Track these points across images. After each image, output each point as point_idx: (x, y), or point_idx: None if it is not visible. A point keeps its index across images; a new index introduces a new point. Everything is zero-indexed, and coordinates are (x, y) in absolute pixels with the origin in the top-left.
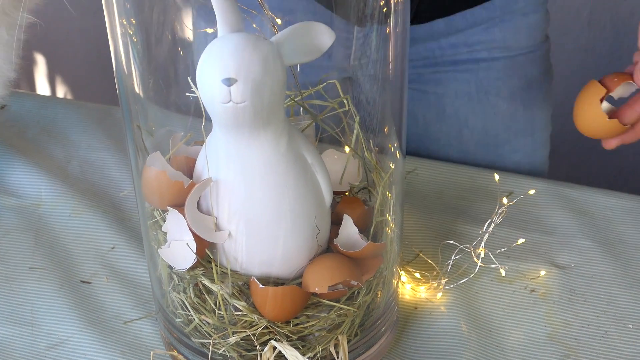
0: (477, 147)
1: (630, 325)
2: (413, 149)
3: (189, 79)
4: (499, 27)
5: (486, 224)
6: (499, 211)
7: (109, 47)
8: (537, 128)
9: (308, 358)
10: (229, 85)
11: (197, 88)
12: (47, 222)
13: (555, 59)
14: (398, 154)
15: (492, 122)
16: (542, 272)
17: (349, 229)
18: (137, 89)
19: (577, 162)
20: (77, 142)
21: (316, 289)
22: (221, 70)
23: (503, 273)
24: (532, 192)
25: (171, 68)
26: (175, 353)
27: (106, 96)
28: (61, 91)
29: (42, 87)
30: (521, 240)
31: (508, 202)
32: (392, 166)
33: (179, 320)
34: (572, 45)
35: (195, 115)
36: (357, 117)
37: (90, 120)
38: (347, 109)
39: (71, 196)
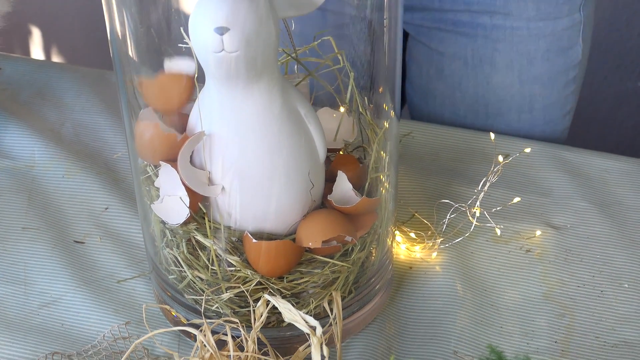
0: (467, 111)
1: (626, 285)
2: (416, 103)
3: (182, 29)
4: None
5: (481, 182)
6: (495, 169)
7: (103, 15)
8: (536, 106)
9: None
10: (222, 34)
11: (189, 39)
12: (41, 184)
13: None
14: (392, 113)
15: (484, 91)
16: (538, 233)
17: (343, 185)
18: (130, 52)
19: (574, 133)
20: (71, 105)
21: (310, 243)
22: (213, 19)
23: (499, 232)
24: (527, 150)
25: (165, 30)
26: (167, 307)
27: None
28: (56, 60)
29: (37, 56)
30: (517, 199)
31: (504, 161)
32: (387, 124)
33: (172, 277)
34: None
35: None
36: (352, 73)
37: (84, 84)
38: (341, 65)
39: (64, 158)
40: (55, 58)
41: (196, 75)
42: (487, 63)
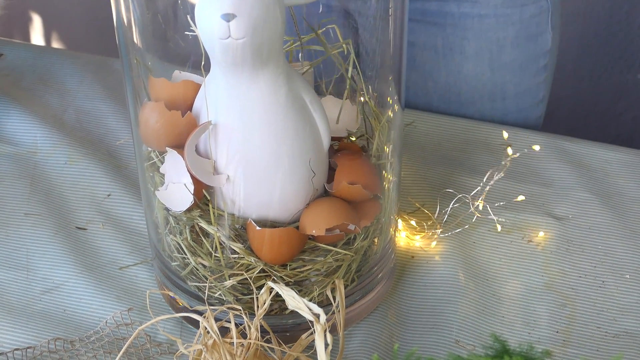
0: (440, 101)
1: (628, 276)
2: None
3: (188, 17)
4: None
5: (487, 175)
6: (503, 163)
7: (104, 4)
8: (508, 94)
9: None
10: (228, 20)
11: (196, 26)
12: (43, 170)
13: None
14: (397, 102)
15: (455, 80)
16: (540, 223)
17: None
18: (135, 39)
19: (574, 125)
20: (74, 91)
21: (313, 231)
22: (220, 6)
23: (499, 229)
24: (536, 148)
25: (171, 17)
26: (170, 293)
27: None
28: (56, 46)
29: (37, 42)
30: (521, 197)
31: (512, 155)
32: (391, 113)
33: (175, 264)
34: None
35: (194, 66)
36: (349, 41)
37: (87, 70)
38: (346, 52)
39: (67, 144)
40: (56, 44)
41: (203, 63)
42: (458, 52)
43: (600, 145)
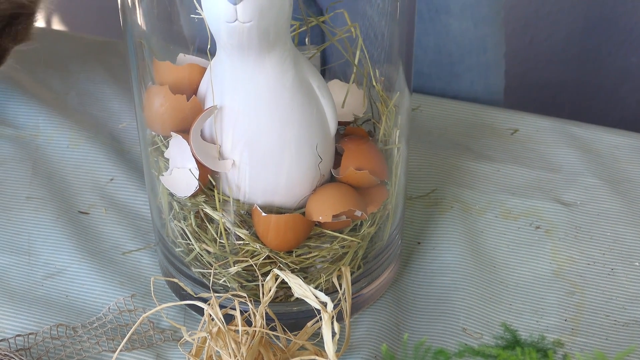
0: (431, 66)
1: (637, 263)
2: None
3: None
4: None
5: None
6: None
7: None
8: (488, 46)
9: None
10: (235, 3)
11: (202, 8)
12: (45, 153)
13: None
14: (405, 87)
15: (444, 40)
16: (548, 209)
17: None
18: (140, 21)
19: (578, 109)
20: (76, 73)
21: (320, 217)
22: None
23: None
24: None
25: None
26: (175, 280)
27: (103, 34)
28: (57, 28)
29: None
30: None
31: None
32: (398, 97)
33: (179, 249)
34: None
35: (199, 50)
36: (356, 24)
37: (89, 52)
38: (353, 36)
39: (69, 127)
40: (57, 26)
41: (208, 46)
42: (443, 12)
43: (609, 130)
